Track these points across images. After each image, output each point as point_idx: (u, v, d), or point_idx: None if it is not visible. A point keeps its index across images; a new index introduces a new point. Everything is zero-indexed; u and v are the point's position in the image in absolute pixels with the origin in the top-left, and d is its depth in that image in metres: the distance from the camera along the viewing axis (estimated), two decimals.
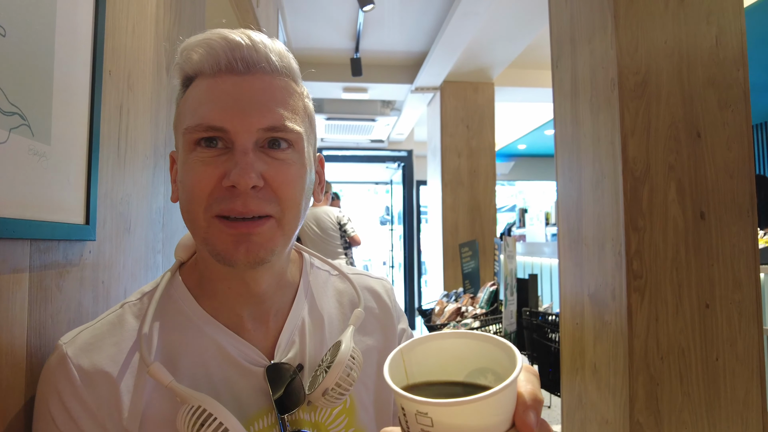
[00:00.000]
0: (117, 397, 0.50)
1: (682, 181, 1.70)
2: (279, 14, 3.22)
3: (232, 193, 0.49)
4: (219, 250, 0.50)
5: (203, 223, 0.50)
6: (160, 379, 0.49)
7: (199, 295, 0.57)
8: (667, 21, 1.74)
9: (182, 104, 0.53)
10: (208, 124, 0.49)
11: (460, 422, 0.31)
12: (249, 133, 0.49)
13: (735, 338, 1.69)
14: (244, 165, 0.48)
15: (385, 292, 0.68)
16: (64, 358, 0.50)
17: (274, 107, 0.51)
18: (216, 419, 0.46)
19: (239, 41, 0.51)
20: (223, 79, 0.50)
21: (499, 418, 0.32)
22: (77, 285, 0.66)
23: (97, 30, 0.70)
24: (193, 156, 0.50)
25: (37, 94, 0.56)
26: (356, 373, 0.53)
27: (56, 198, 0.60)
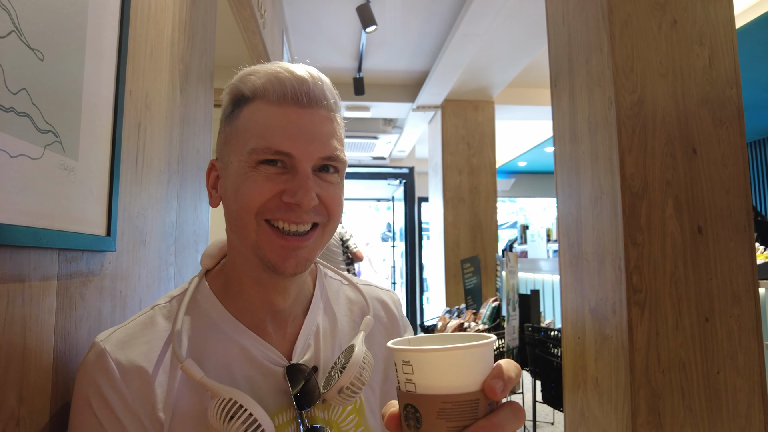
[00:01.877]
0: (151, 391, 0.53)
1: (679, 197, 1.73)
2: (284, 35, 3.30)
3: (289, 208, 0.54)
4: (269, 258, 0.55)
5: (254, 226, 0.55)
6: (192, 375, 0.52)
7: (224, 299, 0.61)
8: (661, 42, 1.80)
9: (239, 122, 0.57)
10: (276, 149, 0.54)
11: (436, 373, 0.35)
12: (310, 160, 0.55)
13: (735, 352, 1.70)
14: (307, 188, 0.54)
15: (393, 303, 0.73)
16: (103, 353, 0.54)
17: (329, 140, 0.57)
18: (246, 410, 0.49)
19: (305, 77, 0.57)
20: (289, 109, 0.56)
21: (470, 379, 0.36)
22: (98, 294, 0.69)
23: (120, 53, 0.74)
24: (255, 173, 0.55)
25: (68, 113, 0.60)
26: (368, 374, 0.57)
27: (81, 210, 0.64)
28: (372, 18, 2.94)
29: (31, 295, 0.53)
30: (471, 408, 0.36)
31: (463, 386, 0.35)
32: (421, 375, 0.36)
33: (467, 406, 0.35)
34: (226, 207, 0.59)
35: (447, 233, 4.49)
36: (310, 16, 3.50)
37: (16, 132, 0.49)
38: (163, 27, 0.96)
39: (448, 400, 0.35)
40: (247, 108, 0.57)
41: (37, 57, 0.52)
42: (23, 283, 0.51)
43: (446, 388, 0.35)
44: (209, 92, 1.33)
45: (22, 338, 0.51)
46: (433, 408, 0.36)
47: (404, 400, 0.37)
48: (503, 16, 3.10)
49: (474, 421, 0.36)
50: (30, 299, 0.53)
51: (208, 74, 1.31)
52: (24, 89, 0.50)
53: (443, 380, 0.35)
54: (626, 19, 1.80)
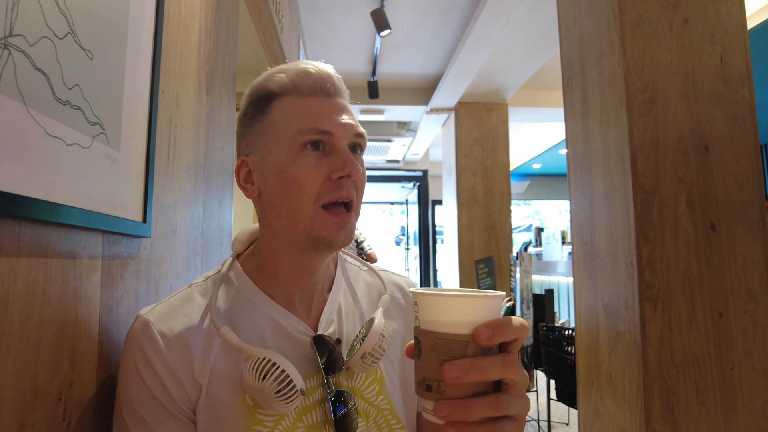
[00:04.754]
0: (190, 357, 0.59)
1: (692, 194, 1.75)
2: (300, 40, 3.37)
3: (339, 184, 0.60)
4: (324, 235, 0.60)
5: (311, 212, 0.60)
6: (228, 340, 0.58)
7: (257, 278, 0.67)
8: (672, 41, 1.82)
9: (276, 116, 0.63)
10: (320, 128, 0.60)
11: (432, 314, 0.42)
12: (347, 137, 0.62)
13: (750, 348, 1.70)
14: (350, 160, 0.60)
15: (407, 286, 0.79)
16: (148, 324, 0.59)
17: (355, 121, 0.65)
18: (279, 366, 0.55)
19: (330, 72, 0.65)
20: (319, 98, 0.63)
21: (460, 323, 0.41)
22: (134, 276, 0.75)
23: (155, 54, 0.80)
24: (301, 157, 0.60)
25: (112, 108, 0.65)
26: (387, 343, 0.62)
27: (122, 198, 0.69)
28: (386, 22, 3.00)
29: (81, 272, 0.58)
30: (459, 348, 0.40)
31: (453, 328, 0.41)
32: (423, 313, 0.43)
33: (455, 345, 0.40)
34: (268, 196, 0.63)
35: (461, 235, 4.51)
36: (325, 21, 3.57)
37: (70, 123, 0.55)
38: (191, 31, 1.02)
39: (440, 337, 0.41)
40: (277, 103, 0.63)
41: (87, 57, 0.58)
42: (75, 260, 0.57)
43: (439, 326, 0.41)
44: (232, 93, 1.39)
45: (75, 310, 0.57)
46: (429, 342, 0.41)
47: (415, 333, 0.44)
48: (516, 19, 3.14)
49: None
50: (81, 275, 0.58)
51: (230, 76, 1.37)
52: (77, 85, 0.56)
53: (436, 320, 0.41)
54: (637, 19, 1.83)
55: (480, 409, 0.40)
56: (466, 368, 0.39)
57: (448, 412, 0.39)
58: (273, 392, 0.54)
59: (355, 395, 0.64)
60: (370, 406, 0.65)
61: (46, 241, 0.51)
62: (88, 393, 0.59)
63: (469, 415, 0.40)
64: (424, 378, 0.42)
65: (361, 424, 0.63)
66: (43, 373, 0.50)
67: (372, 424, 0.64)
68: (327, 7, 3.36)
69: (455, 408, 0.39)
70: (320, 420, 0.61)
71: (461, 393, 0.40)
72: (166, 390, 0.57)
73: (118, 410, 0.59)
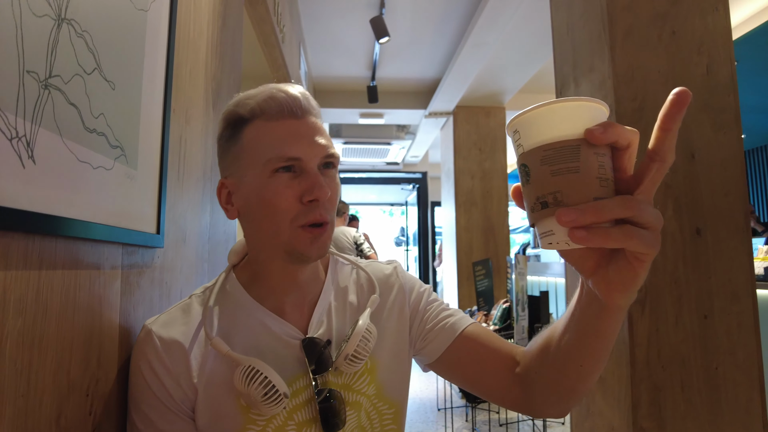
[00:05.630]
0: (188, 362, 0.65)
1: (679, 199, 1.81)
2: (300, 47, 3.44)
3: (311, 207, 0.64)
4: (299, 250, 0.65)
5: (288, 232, 0.65)
6: (219, 349, 0.64)
7: (250, 287, 0.73)
8: (660, 51, 1.88)
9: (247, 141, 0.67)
10: (288, 155, 0.64)
11: (535, 129, 0.39)
12: (316, 159, 0.66)
13: (734, 348, 1.77)
14: (320, 183, 0.64)
15: (394, 272, 0.83)
16: (150, 333, 0.66)
17: (323, 140, 0.68)
18: (262, 374, 0.61)
19: (296, 94, 0.67)
20: (288, 121, 0.66)
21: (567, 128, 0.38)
22: (149, 283, 0.82)
23: (167, 76, 0.86)
24: (274, 180, 0.64)
25: (131, 131, 0.72)
26: (372, 343, 0.68)
27: (139, 212, 0.76)
28: (385, 30, 3.06)
29: (105, 280, 0.65)
30: (572, 152, 0.38)
31: (560, 135, 0.38)
32: (525, 135, 0.40)
33: (567, 151, 0.38)
34: (248, 215, 0.69)
35: (459, 237, 4.58)
36: (326, 28, 3.64)
37: (96, 148, 0.61)
38: (199, 50, 1.08)
39: (548, 147, 0.38)
40: (248, 128, 0.67)
41: (110, 87, 0.65)
42: (99, 270, 0.64)
43: (545, 138, 0.39)
44: None
45: (100, 314, 0.63)
46: (537, 158, 0.39)
47: (519, 162, 0.41)
48: (512, 26, 3.20)
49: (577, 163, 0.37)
50: (104, 283, 0.65)
51: (235, 89, 1.43)
52: (102, 114, 0.63)
53: (542, 133, 0.39)
54: (627, 30, 1.89)
55: (610, 209, 0.36)
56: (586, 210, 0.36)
57: (574, 215, 0.36)
58: (260, 396, 0.61)
59: (346, 390, 0.69)
60: (362, 396, 0.71)
61: (76, 255, 0.58)
62: (110, 390, 0.66)
63: (598, 215, 0.36)
64: (537, 197, 0.38)
65: (353, 415, 0.69)
66: (75, 370, 0.57)
67: (363, 414, 0.70)
68: (327, 14, 3.42)
69: (583, 210, 0.36)
70: (309, 417, 0.67)
71: (581, 196, 0.37)
72: (167, 392, 0.64)
73: (129, 409, 0.66)
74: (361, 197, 9.20)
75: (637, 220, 0.37)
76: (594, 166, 0.38)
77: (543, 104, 0.39)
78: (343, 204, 4.48)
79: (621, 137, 0.38)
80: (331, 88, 4.85)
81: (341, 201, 4.52)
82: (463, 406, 3.18)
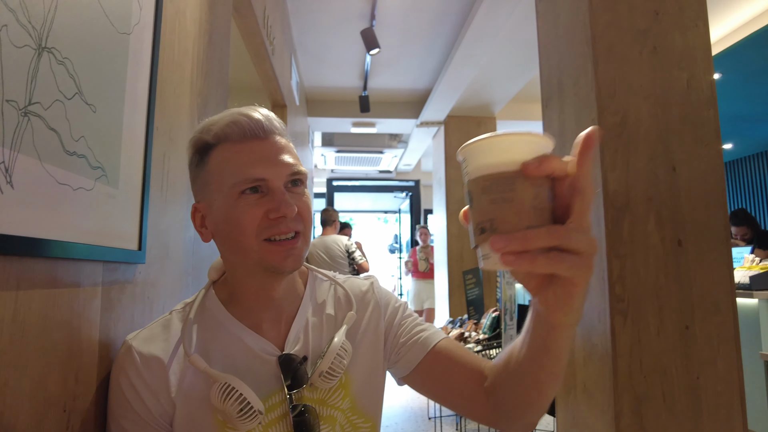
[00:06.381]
0: (166, 377, 0.67)
1: (661, 211, 1.85)
2: (292, 58, 3.47)
3: (277, 222, 0.66)
4: (272, 264, 0.67)
5: (256, 247, 0.66)
6: (197, 365, 0.66)
7: (228, 304, 0.74)
8: (642, 66, 1.93)
9: (214, 166, 0.69)
10: (253, 177, 0.66)
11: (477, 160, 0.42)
12: (281, 178, 0.67)
13: (715, 358, 1.80)
14: (286, 201, 0.66)
15: (371, 288, 0.84)
16: (130, 348, 0.68)
17: (289, 158, 0.70)
18: (237, 391, 0.63)
19: (258, 116, 0.69)
20: (251, 143, 0.68)
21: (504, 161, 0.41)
22: (131, 299, 0.83)
23: (150, 96, 0.88)
24: (241, 201, 0.66)
25: (112, 151, 0.74)
26: (346, 360, 0.70)
27: (120, 229, 0.78)
28: (375, 41, 3.10)
29: (84, 298, 0.67)
30: (508, 183, 0.40)
31: (499, 167, 0.41)
32: (470, 164, 0.43)
33: (504, 182, 0.41)
34: (220, 237, 0.71)
35: (451, 245, 4.60)
36: (317, 39, 3.67)
37: (76, 170, 0.63)
38: (185, 69, 1.11)
39: (488, 178, 0.41)
40: (214, 152, 0.69)
41: (91, 110, 0.67)
42: (79, 288, 0.65)
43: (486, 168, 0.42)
44: None
45: (79, 332, 0.65)
46: (479, 186, 0.42)
47: (465, 189, 0.45)
48: (501, 38, 3.25)
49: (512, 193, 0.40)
50: (84, 301, 0.66)
51: (222, 104, 1.46)
52: (83, 136, 0.65)
53: (483, 164, 0.42)
54: (609, 46, 1.93)
55: (537, 238, 0.38)
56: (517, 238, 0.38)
57: (503, 243, 0.38)
58: (235, 412, 0.63)
59: (321, 405, 0.71)
60: (336, 410, 0.73)
61: (55, 274, 0.59)
62: (88, 405, 0.68)
63: (526, 243, 0.38)
64: (478, 223, 0.42)
65: (327, 429, 0.70)
66: (52, 387, 0.58)
67: (338, 427, 0.72)
68: (319, 26, 3.46)
69: (511, 238, 0.38)
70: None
71: (513, 225, 0.40)
72: (146, 406, 0.66)
73: (108, 423, 0.68)
74: (355, 205, 9.22)
75: (565, 247, 0.39)
76: (529, 196, 0.41)
77: (486, 137, 0.42)
78: (333, 212, 4.50)
79: (556, 169, 0.41)
80: (324, 98, 4.88)
81: (332, 209, 4.53)
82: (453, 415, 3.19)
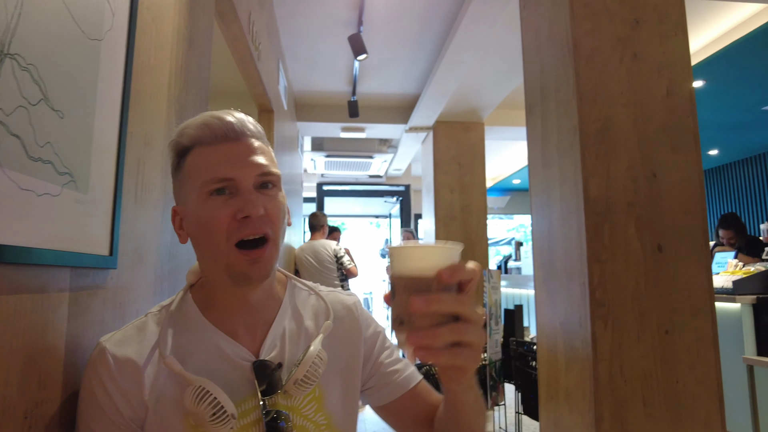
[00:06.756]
0: (140, 380, 0.67)
1: (641, 217, 1.87)
2: (280, 63, 3.47)
3: (245, 223, 0.67)
4: (239, 272, 0.67)
5: (225, 250, 0.67)
6: (172, 368, 0.66)
7: (204, 308, 0.75)
8: (622, 74, 1.95)
9: (187, 169, 0.71)
10: (220, 176, 0.67)
11: (401, 263, 0.51)
12: (250, 179, 0.68)
13: (694, 363, 1.82)
14: (252, 201, 0.66)
15: (353, 305, 0.85)
16: (104, 350, 0.68)
17: (260, 159, 0.71)
18: (211, 394, 0.63)
19: (230, 119, 0.71)
20: (222, 145, 0.69)
21: (424, 268, 0.50)
22: (101, 304, 0.83)
23: (123, 102, 0.89)
24: (210, 203, 0.67)
25: (81, 157, 0.74)
26: (321, 369, 0.71)
27: (89, 235, 0.77)
28: (362, 47, 3.12)
29: (50, 304, 0.66)
30: (425, 285, 0.49)
31: (419, 272, 0.50)
32: (396, 264, 0.51)
33: (422, 284, 0.49)
34: (194, 240, 0.72)
35: None
36: (306, 45, 3.68)
37: (41, 176, 0.63)
38: (161, 75, 1.11)
39: (409, 279, 0.50)
40: (190, 155, 0.71)
41: (59, 116, 0.67)
42: (44, 294, 0.65)
43: (409, 272, 0.50)
44: None
45: (43, 338, 0.65)
46: (401, 284, 0.50)
47: (391, 279, 0.53)
48: (488, 45, 3.28)
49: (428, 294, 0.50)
50: (49, 307, 0.66)
51: (202, 110, 1.46)
52: (49, 142, 0.65)
53: (407, 267, 0.51)
54: (590, 53, 1.96)
55: (443, 335, 0.49)
56: (428, 300, 0.48)
57: (417, 339, 0.48)
58: (208, 416, 0.63)
59: (294, 413, 0.71)
60: (309, 422, 0.73)
61: (17, 280, 0.59)
62: (54, 411, 0.67)
63: (434, 340, 0.48)
64: (398, 315, 0.50)
65: None
66: (11, 395, 0.58)
67: None
68: (307, 31, 3.47)
69: (423, 336, 0.48)
70: None
71: (426, 324, 0.49)
72: (117, 408, 0.66)
73: (77, 426, 0.67)
74: (346, 209, 9.22)
75: (463, 341, 0.49)
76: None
77: (412, 246, 0.52)
78: (322, 216, 4.50)
79: (464, 276, 0.50)
80: (313, 103, 4.89)
81: (321, 213, 4.53)
82: None
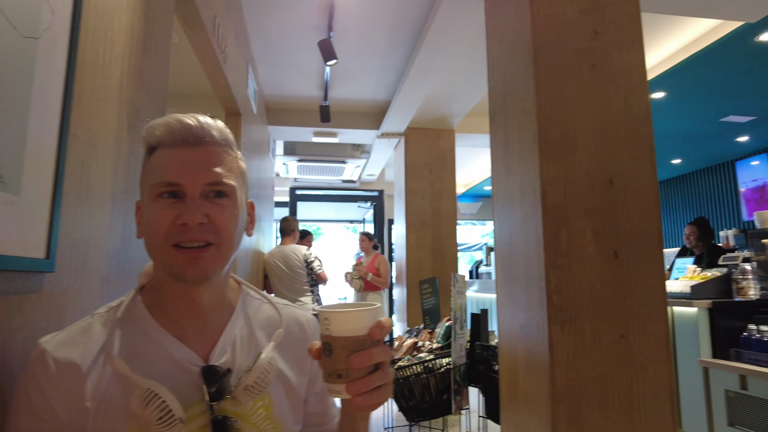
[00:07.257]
0: (83, 384, 0.65)
1: (597, 224, 1.91)
2: (249, 66, 3.45)
3: (184, 229, 0.67)
4: (175, 270, 0.67)
5: (163, 249, 0.67)
6: (119, 370, 0.64)
7: (154, 311, 0.73)
8: (581, 83, 2.00)
9: (147, 167, 0.72)
10: (167, 181, 0.67)
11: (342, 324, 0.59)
12: (196, 187, 0.68)
13: (647, 366, 1.86)
14: (192, 208, 0.66)
15: (307, 324, 0.86)
16: (44, 352, 0.65)
17: (214, 168, 0.70)
18: (160, 397, 0.62)
19: (191, 123, 0.70)
20: (180, 149, 0.69)
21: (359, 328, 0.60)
22: (36, 308, 0.81)
23: (65, 103, 0.87)
24: (156, 204, 0.68)
25: (12, 158, 0.72)
26: (271, 376, 0.71)
27: (21, 237, 0.75)
28: (332, 53, 3.12)
29: None
30: (361, 343, 0.59)
31: (355, 332, 0.59)
32: (333, 326, 0.59)
33: (359, 342, 0.59)
34: (144, 235, 0.71)
35: (410, 255, 4.63)
36: (276, 48, 3.67)
37: None
38: (112, 76, 1.09)
39: (348, 339, 0.59)
40: (154, 154, 0.71)
41: None
42: None
43: (347, 332, 0.59)
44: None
45: None
46: (340, 344, 0.59)
47: (323, 339, 0.60)
48: (457, 54, 3.32)
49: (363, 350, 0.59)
50: None
51: (159, 112, 1.44)
52: None
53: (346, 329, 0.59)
54: (550, 63, 2.00)
55: (374, 381, 0.59)
56: (366, 355, 0.59)
57: (356, 388, 0.58)
58: (155, 419, 0.62)
59: (242, 420, 0.71)
60: (256, 429, 0.72)
61: None
62: None
63: (370, 386, 0.59)
64: (336, 370, 0.59)
65: None
66: None
67: None
68: (277, 35, 3.46)
69: (360, 384, 0.58)
70: None
71: (361, 374, 0.59)
72: (54, 414, 0.63)
73: (6, 428, 0.64)
74: (319, 214, 9.18)
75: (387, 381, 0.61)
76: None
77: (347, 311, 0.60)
78: (293, 221, 4.47)
79: (387, 332, 0.62)
80: (285, 107, 4.86)
81: (291, 218, 4.50)
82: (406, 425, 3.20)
